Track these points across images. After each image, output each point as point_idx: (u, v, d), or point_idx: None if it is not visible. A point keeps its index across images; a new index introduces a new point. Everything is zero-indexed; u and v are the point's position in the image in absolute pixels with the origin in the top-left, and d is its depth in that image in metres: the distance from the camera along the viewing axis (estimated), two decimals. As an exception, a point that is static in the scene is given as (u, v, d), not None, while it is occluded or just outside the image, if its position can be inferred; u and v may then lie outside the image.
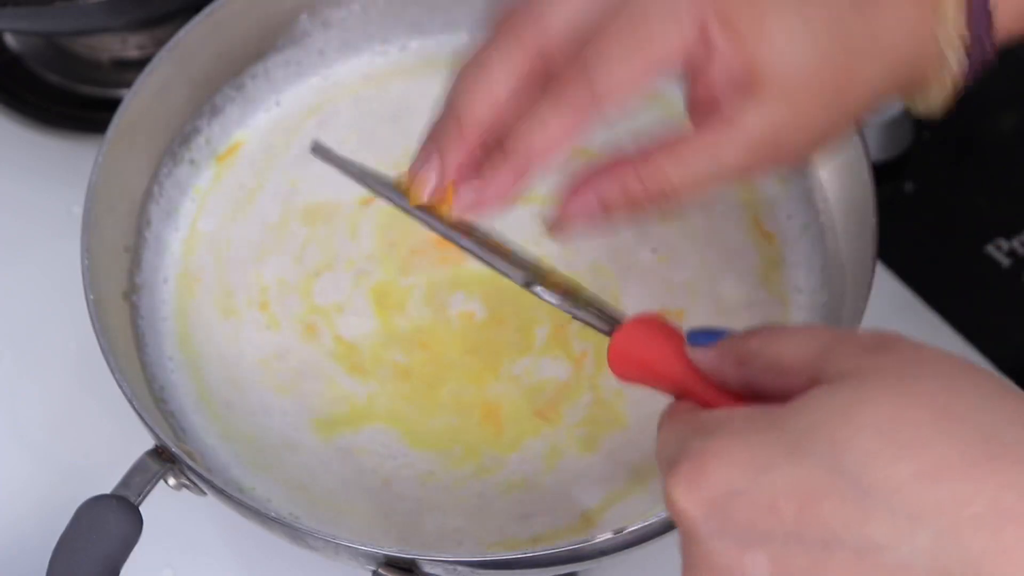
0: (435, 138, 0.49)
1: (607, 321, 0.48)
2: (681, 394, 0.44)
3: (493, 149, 0.48)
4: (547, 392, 0.61)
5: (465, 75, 0.49)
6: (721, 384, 0.43)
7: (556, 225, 0.49)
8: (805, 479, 0.36)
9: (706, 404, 0.43)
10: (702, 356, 0.43)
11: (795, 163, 0.50)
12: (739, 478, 0.37)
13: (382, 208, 0.65)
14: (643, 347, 0.45)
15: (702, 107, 0.48)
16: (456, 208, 0.49)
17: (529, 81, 0.48)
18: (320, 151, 0.53)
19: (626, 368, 0.46)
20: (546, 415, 0.61)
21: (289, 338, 0.63)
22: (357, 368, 0.62)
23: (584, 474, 0.59)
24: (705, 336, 0.44)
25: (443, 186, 0.49)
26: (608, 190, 0.48)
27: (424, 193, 0.49)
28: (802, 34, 0.47)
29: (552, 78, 0.47)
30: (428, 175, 0.49)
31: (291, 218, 0.66)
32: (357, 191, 0.65)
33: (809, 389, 0.38)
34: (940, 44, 0.49)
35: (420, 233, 0.64)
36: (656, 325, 0.46)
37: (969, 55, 0.49)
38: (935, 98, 0.50)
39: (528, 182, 0.48)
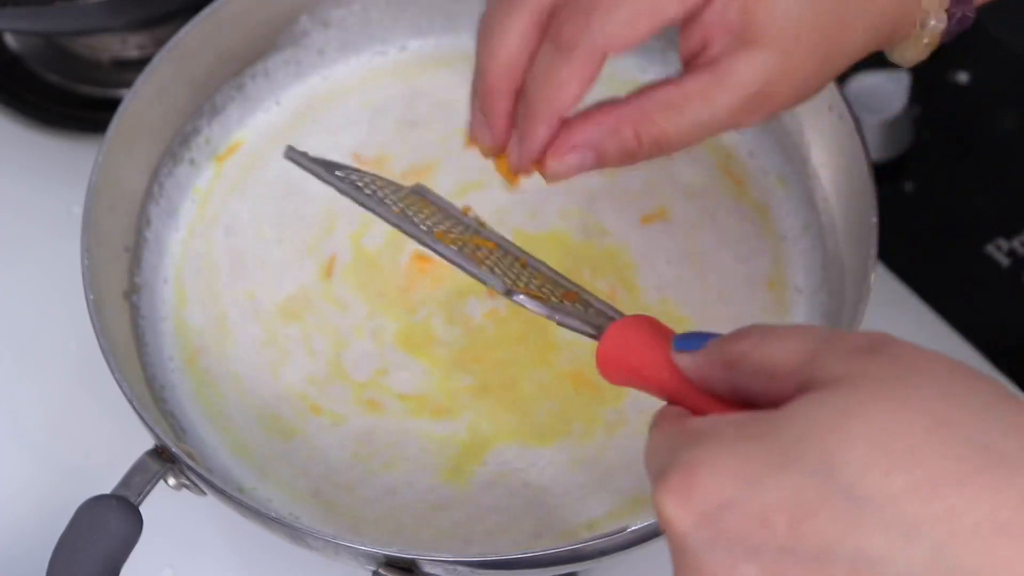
0: (473, 98, 0.51)
1: (593, 324, 0.47)
2: (671, 400, 0.43)
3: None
4: None
5: (478, 37, 0.50)
6: (709, 390, 0.42)
7: (548, 170, 0.50)
8: (797, 491, 0.36)
9: (697, 410, 0.41)
10: (689, 362, 0.42)
11: (778, 112, 0.51)
12: (729, 490, 0.36)
13: (345, 267, 0.65)
14: (630, 352, 0.44)
15: (695, 55, 0.49)
16: (512, 168, 0.50)
17: (539, 34, 0.49)
18: (294, 156, 0.52)
19: (614, 373, 0.45)
20: None
21: (361, 422, 0.61)
22: (439, 411, 0.61)
23: None
24: (692, 340, 0.42)
25: (501, 136, 0.50)
26: (604, 142, 0.49)
27: (486, 147, 0.51)
28: None
29: (555, 27, 0.48)
30: (481, 131, 0.51)
31: (275, 326, 0.64)
32: (311, 269, 0.65)
33: (800, 395, 0.37)
34: (923, 7, 0.51)
35: (395, 270, 0.64)
36: (645, 326, 0.44)
37: (949, 18, 0.51)
38: (911, 54, 0.52)
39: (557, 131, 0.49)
